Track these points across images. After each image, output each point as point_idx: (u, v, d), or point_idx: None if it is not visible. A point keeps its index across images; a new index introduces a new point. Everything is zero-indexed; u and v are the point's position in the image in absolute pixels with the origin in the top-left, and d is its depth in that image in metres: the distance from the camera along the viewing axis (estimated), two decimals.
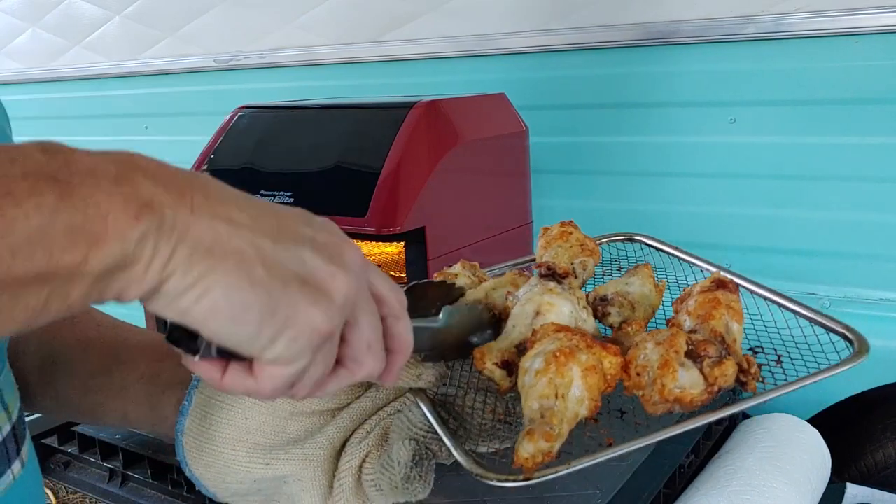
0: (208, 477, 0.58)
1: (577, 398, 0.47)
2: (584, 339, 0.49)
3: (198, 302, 0.35)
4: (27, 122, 3.28)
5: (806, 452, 1.46)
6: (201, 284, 0.35)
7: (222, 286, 0.35)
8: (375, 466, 0.57)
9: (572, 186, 2.05)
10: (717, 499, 1.25)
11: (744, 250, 1.87)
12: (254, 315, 0.36)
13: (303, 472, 0.58)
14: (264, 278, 0.37)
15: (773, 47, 1.74)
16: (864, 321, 1.73)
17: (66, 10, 2.95)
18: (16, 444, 0.51)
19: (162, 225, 0.34)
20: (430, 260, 1.30)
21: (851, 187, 1.72)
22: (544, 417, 0.46)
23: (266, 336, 0.37)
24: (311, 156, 1.47)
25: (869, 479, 1.67)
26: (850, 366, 0.51)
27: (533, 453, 0.44)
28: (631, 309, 0.58)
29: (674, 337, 0.50)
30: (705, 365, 0.49)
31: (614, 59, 1.92)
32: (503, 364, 0.52)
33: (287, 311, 0.37)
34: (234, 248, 0.36)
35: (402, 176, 1.28)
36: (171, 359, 0.60)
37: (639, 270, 0.63)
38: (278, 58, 2.46)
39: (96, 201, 0.33)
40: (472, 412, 0.55)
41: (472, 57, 2.09)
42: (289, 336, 0.38)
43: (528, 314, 0.54)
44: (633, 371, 0.50)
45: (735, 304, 0.57)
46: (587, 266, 0.64)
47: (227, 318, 0.36)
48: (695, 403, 0.49)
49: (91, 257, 0.32)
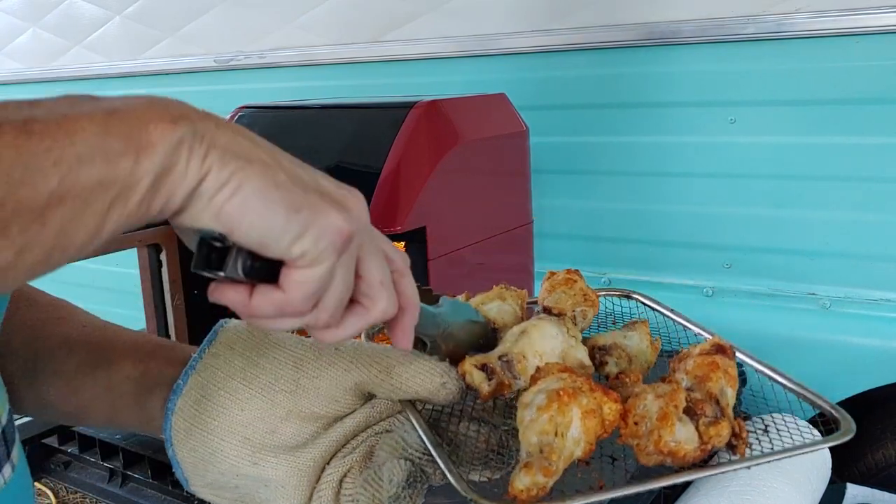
0: (190, 461, 0.57)
1: (574, 439, 0.49)
2: (587, 382, 0.51)
3: (231, 198, 0.39)
4: None
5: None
6: (234, 181, 0.39)
7: (253, 182, 0.40)
8: (357, 482, 0.57)
9: (572, 186, 2.05)
10: (717, 499, 1.25)
11: (744, 250, 1.87)
12: (281, 210, 0.40)
13: (288, 480, 0.57)
14: (287, 182, 0.41)
15: (774, 47, 1.74)
16: (864, 321, 1.73)
17: (66, 10, 2.95)
18: (6, 448, 0.50)
19: (195, 132, 0.39)
20: (431, 260, 1.30)
21: (851, 187, 1.72)
22: (543, 452, 0.47)
23: (293, 230, 0.40)
24: (311, 156, 1.47)
25: (869, 480, 1.67)
26: (832, 444, 0.54)
27: (528, 486, 0.45)
28: (628, 361, 0.61)
29: (674, 392, 0.51)
30: (701, 423, 0.51)
31: (615, 59, 1.93)
32: (482, 367, 0.54)
33: (310, 211, 0.41)
34: (258, 157, 0.41)
35: (403, 176, 1.28)
36: (159, 359, 0.60)
37: (637, 326, 0.65)
38: (278, 58, 2.46)
39: (137, 115, 0.37)
40: (465, 439, 0.56)
41: (472, 57, 2.09)
42: (314, 233, 0.41)
43: (515, 333, 0.57)
44: (631, 420, 0.51)
45: (731, 370, 0.58)
46: (587, 315, 0.67)
47: (257, 214, 0.40)
48: (687, 459, 0.50)
49: (142, 160, 0.37)
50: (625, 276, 2.02)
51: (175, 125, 0.38)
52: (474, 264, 1.44)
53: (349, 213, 0.43)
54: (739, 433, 0.53)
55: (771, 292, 1.84)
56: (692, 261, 1.93)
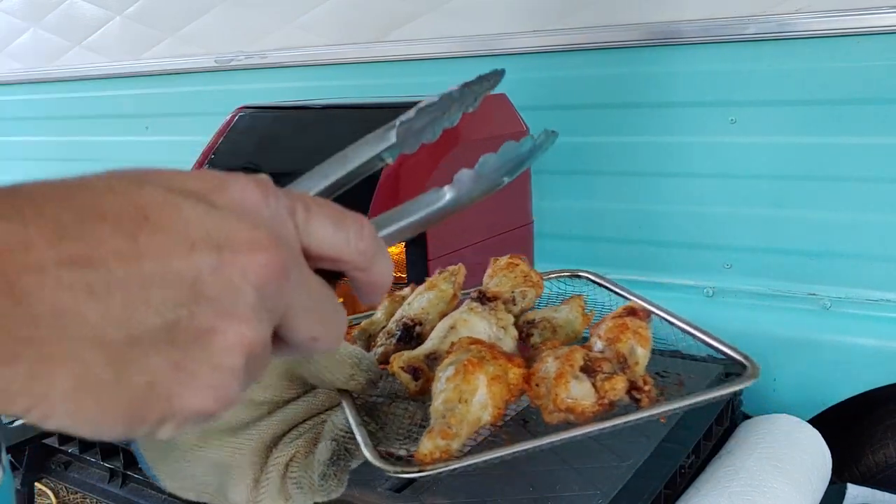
0: (150, 453, 0.59)
1: (480, 404, 0.51)
2: (491, 351, 0.54)
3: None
4: (28, 123, 3.28)
5: (806, 453, 1.46)
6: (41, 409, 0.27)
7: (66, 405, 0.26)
8: (301, 465, 0.58)
9: (573, 186, 2.05)
10: (717, 499, 1.25)
11: (744, 250, 1.87)
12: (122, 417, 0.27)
13: (233, 461, 0.59)
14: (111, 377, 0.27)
15: (774, 48, 1.74)
16: (864, 321, 1.73)
17: (66, 10, 2.95)
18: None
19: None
20: (431, 260, 1.30)
21: (852, 187, 1.72)
22: (445, 418, 0.49)
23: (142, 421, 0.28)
24: (311, 156, 1.47)
25: (869, 480, 1.67)
26: (741, 386, 0.56)
27: (431, 450, 0.47)
28: (552, 332, 0.63)
29: (571, 352, 0.54)
30: (598, 379, 0.54)
31: (615, 59, 1.93)
32: (410, 369, 0.56)
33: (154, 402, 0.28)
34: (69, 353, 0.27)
35: (403, 176, 1.28)
36: None
37: (571, 301, 0.68)
38: (279, 58, 2.46)
39: None
40: (394, 418, 0.58)
41: (472, 57, 2.09)
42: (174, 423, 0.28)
43: (445, 328, 0.59)
44: (533, 382, 0.54)
45: (642, 331, 0.60)
46: (527, 295, 0.68)
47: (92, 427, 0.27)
48: (586, 414, 0.53)
49: None
50: (625, 277, 2.02)
51: None
52: (474, 264, 1.44)
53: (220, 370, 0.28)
54: (642, 387, 0.55)
55: (771, 292, 1.84)
56: (692, 261, 1.93)
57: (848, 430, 1.77)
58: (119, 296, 0.26)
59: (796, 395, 1.77)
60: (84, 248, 0.26)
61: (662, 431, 1.37)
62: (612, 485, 1.20)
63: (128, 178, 0.28)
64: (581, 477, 1.23)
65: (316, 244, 0.32)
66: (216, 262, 0.28)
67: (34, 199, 0.26)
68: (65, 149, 3.16)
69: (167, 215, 0.27)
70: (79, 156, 3.11)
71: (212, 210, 0.28)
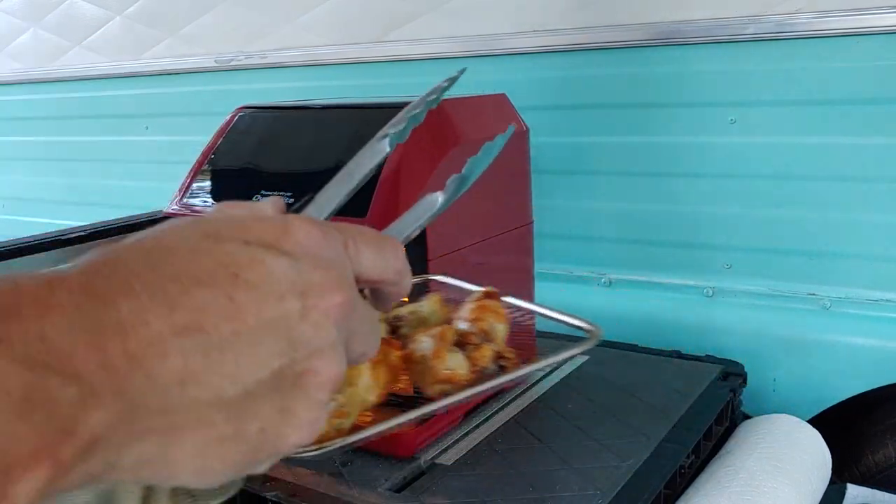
0: None
1: (366, 386, 0.56)
2: None
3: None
4: (28, 123, 3.28)
5: (806, 453, 1.46)
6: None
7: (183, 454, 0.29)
8: None
9: (573, 187, 2.05)
10: (717, 499, 1.25)
11: (744, 250, 1.87)
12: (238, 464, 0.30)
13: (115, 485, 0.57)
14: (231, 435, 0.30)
15: (774, 48, 1.74)
16: (864, 321, 1.73)
17: (66, 9, 2.95)
18: None
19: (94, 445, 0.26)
20: (431, 260, 1.30)
21: (852, 187, 1.72)
22: (337, 400, 0.54)
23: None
24: (311, 156, 1.47)
25: (870, 480, 1.67)
26: (585, 347, 0.63)
27: (327, 429, 0.52)
28: (420, 322, 0.70)
29: (444, 330, 0.62)
30: (469, 350, 0.64)
31: (615, 59, 1.93)
32: None
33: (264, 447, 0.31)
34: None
35: (403, 176, 1.27)
36: None
37: (429, 296, 0.75)
38: (279, 58, 2.46)
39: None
40: None
41: (472, 57, 2.09)
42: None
43: None
44: (413, 362, 0.61)
45: (499, 309, 0.71)
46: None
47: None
48: (462, 382, 0.61)
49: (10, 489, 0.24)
50: (625, 277, 2.02)
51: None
52: (474, 264, 1.44)
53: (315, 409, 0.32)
54: (506, 356, 0.65)
55: (771, 292, 1.84)
56: (692, 261, 1.93)
57: (848, 430, 1.77)
58: (231, 355, 0.29)
59: (796, 395, 1.77)
60: (193, 316, 0.28)
61: (662, 431, 1.37)
62: (612, 485, 1.20)
63: (201, 233, 0.31)
64: (581, 477, 1.23)
65: (365, 271, 0.36)
66: (302, 308, 0.31)
67: (134, 270, 0.28)
68: (65, 149, 3.16)
69: (254, 271, 0.30)
70: (79, 156, 3.11)
71: (288, 259, 0.31)
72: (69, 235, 1.39)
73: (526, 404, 1.51)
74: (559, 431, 1.40)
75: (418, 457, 1.30)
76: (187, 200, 1.51)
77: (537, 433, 1.39)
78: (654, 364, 1.68)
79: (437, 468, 1.28)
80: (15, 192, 3.39)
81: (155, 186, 2.75)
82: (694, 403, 1.49)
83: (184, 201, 1.51)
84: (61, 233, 1.39)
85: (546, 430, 1.41)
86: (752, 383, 1.67)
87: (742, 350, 1.77)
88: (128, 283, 0.27)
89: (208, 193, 1.51)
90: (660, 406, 1.47)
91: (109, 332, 0.26)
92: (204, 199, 1.51)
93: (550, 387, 1.58)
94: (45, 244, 1.34)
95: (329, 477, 1.23)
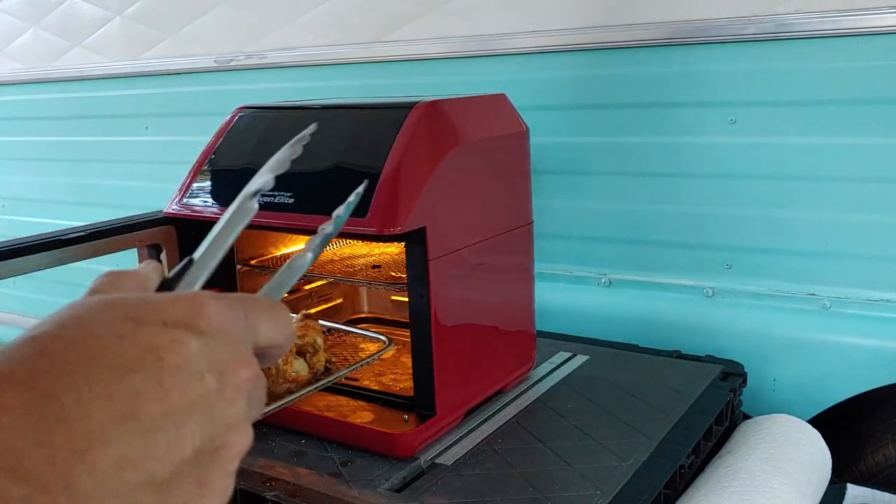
0: None
1: None
2: None
3: None
4: (28, 123, 3.28)
5: (806, 453, 1.46)
6: None
7: None
8: None
9: (573, 187, 2.05)
10: (717, 499, 1.25)
11: (744, 250, 1.87)
12: None
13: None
14: None
15: (774, 48, 1.74)
16: (864, 321, 1.73)
17: (66, 10, 2.95)
18: None
19: None
20: (431, 260, 1.30)
21: (851, 187, 1.72)
22: None
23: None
24: (311, 156, 1.47)
25: (870, 480, 1.67)
26: (383, 353, 1.02)
27: None
28: None
29: None
30: (308, 357, 0.92)
31: (615, 59, 1.93)
32: None
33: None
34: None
35: (403, 176, 1.27)
36: None
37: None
38: (279, 58, 2.46)
39: None
40: None
41: (473, 57, 2.09)
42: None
43: None
44: (266, 368, 0.68)
45: (317, 327, 1.05)
46: None
47: None
48: (303, 381, 0.89)
49: None
50: (625, 277, 2.02)
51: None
52: (474, 264, 1.44)
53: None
54: (331, 360, 0.95)
55: (771, 292, 1.84)
56: (692, 261, 1.93)
57: (848, 430, 1.77)
58: (162, 437, 0.30)
59: (796, 395, 1.77)
60: (129, 403, 0.29)
61: (662, 431, 1.37)
62: (612, 485, 1.20)
63: (122, 317, 0.31)
64: (581, 477, 1.23)
65: (262, 340, 0.37)
66: (218, 385, 0.32)
67: (70, 361, 0.29)
68: (65, 149, 3.16)
69: (177, 353, 0.31)
70: (79, 156, 3.11)
71: (204, 338, 0.33)
72: (69, 235, 1.38)
73: (526, 404, 1.51)
74: (559, 431, 1.40)
75: (418, 457, 1.30)
76: (187, 200, 1.51)
77: (537, 433, 1.39)
78: (654, 364, 1.68)
79: (437, 468, 1.28)
80: (15, 192, 3.39)
81: (155, 186, 2.75)
82: (694, 403, 1.49)
83: (184, 201, 1.51)
84: (61, 233, 1.39)
85: (546, 430, 1.41)
86: (752, 383, 1.67)
87: (742, 350, 1.77)
88: (68, 376, 0.29)
89: (208, 193, 1.51)
90: (660, 406, 1.47)
91: (55, 427, 0.27)
92: (204, 199, 1.51)
93: (550, 387, 1.58)
94: (45, 244, 1.33)
95: (329, 477, 1.23)
